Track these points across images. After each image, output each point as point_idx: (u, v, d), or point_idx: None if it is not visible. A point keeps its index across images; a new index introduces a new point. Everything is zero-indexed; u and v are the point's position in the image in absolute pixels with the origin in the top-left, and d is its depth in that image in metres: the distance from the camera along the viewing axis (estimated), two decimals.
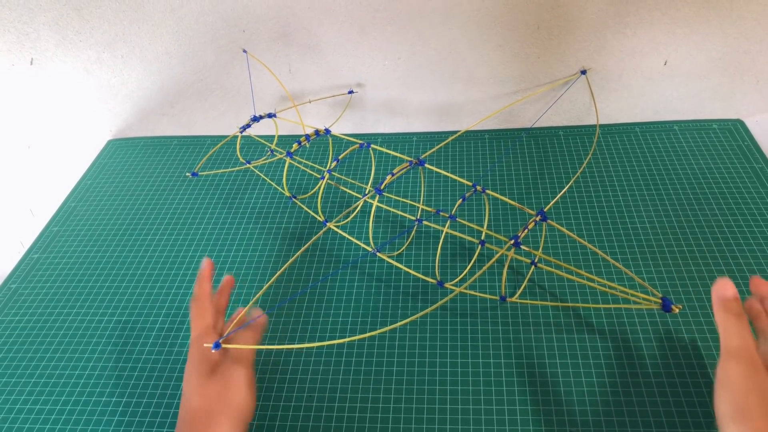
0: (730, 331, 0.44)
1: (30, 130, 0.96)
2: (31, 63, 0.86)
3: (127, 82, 0.88)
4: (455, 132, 0.89)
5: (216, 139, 0.94)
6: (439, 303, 0.54)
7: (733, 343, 0.43)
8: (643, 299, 0.54)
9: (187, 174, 0.86)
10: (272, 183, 0.83)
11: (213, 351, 0.48)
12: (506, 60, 0.81)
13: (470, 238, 0.64)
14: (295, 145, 0.67)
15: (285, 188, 0.72)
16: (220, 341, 0.49)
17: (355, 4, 0.76)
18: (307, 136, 0.68)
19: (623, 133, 0.85)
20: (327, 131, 0.69)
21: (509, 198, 0.74)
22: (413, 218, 0.70)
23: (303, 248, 0.61)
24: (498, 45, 0.79)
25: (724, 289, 0.47)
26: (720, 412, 0.42)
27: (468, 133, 0.89)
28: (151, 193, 0.85)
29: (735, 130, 0.83)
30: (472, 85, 0.84)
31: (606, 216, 0.73)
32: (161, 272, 0.73)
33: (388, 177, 0.61)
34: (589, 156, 0.82)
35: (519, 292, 0.64)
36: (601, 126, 0.87)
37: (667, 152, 0.81)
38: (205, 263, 0.56)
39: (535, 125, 0.89)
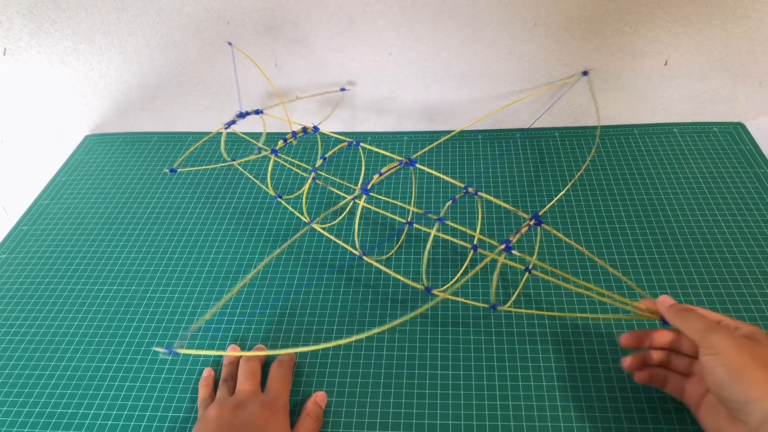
0: (695, 323, 0.45)
1: (2, 124, 0.92)
2: (4, 53, 0.81)
3: (106, 74, 0.84)
4: (447, 132, 0.86)
5: (198, 135, 0.91)
6: (422, 309, 0.51)
7: (704, 328, 0.44)
8: (641, 311, 0.51)
9: (165, 170, 0.82)
10: (256, 181, 0.79)
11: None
12: (501, 57, 0.78)
13: (462, 242, 0.60)
14: (280, 143, 0.63)
15: (270, 187, 0.68)
16: (174, 348, 0.46)
17: None
18: (294, 134, 0.64)
19: (621, 135, 0.83)
20: (315, 129, 0.66)
21: (503, 201, 0.71)
22: (403, 221, 0.67)
23: (281, 248, 0.57)
24: (493, 42, 0.76)
25: (665, 300, 0.49)
26: (717, 381, 0.42)
27: (461, 133, 0.86)
28: (129, 192, 0.81)
29: (736, 134, 0.81)
30: (466, 83, 0.81)
31: (604, 220, 0.70)
32: (136, 275, 0.69)
33: (376, 176, 0.58)
34: (588, 160, 0.79)
35: (511, 300, 0.61)
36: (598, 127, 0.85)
37: (666, 155, 0.79)
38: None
39: (531, 126, 0.86)
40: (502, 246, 0.51)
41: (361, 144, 0.62)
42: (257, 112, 0.74)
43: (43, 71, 0.84)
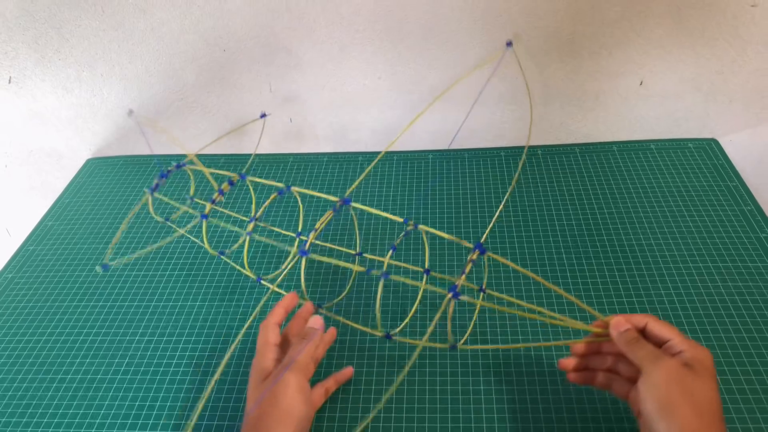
0: (639, 350, 0.47)
1: (7, 149, 0.96)
2: (9, 81, 0.85)
3: (107, 100, 0.88)
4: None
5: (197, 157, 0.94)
6: (406, 367, 0.50)
7: (646, 354, 0.46)
8: (599, 331, 0.51)
9: (97, 268, 0.76)
10: (196, 240, 0.77)
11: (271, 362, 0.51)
12: (484, 79, 0.81)
13: (409, 281, 0.52)
14: (208, 206, 0.61)
15: (208, 247, 0.64)
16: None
17: (335, 24, 0.76)
18: (221, 191, 0.62)
19: (600, 152, 0.86)
20: (242, 176, 0.62)
21: (449, 227, 0.74)
22: (345, 265, 0.56)
23: (249, 321, 0.55)
24: (476, 65, 0.80)
25: (618, 324, 0.49)
26: (646, 410, 0.44)
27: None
28: (129, 212, 0.84)
29: (710, 149, 0.85)
30: (452, 105, 0.85)
31: (584, 234, 0.73)
32: (138, 291, 0.72)
33: (311, 234, 0.55)
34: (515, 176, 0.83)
35: (465, 336, 0.62)
36: (579, 145, 0.88)
37: (644, 170, 0.82)
38: (290, 296, 0.56)
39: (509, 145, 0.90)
40: (450, 294, 0.48)
41: (293, 188, 0.59)
42: (179, 166, 0.69)
43: (47, 98, 0.87)
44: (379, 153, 0.92)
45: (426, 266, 0.61)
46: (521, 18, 0.74)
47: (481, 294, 0.50)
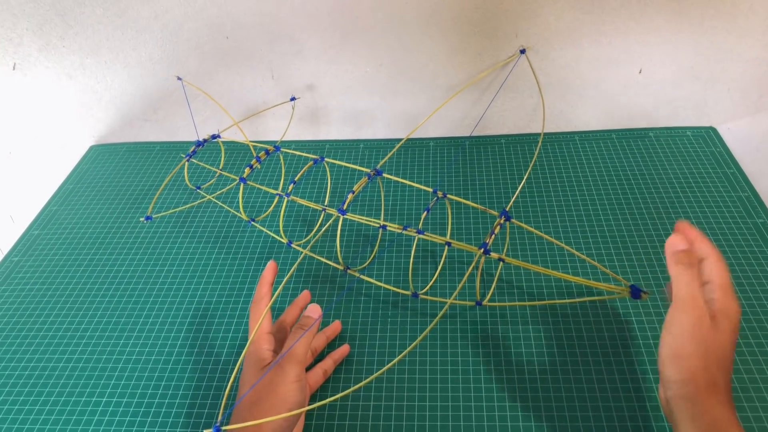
0: (680, 281, 0.47)
1: (11, 136, 0.96)
2: (14, 68, 0.86)
3: (111, 87, 0.89)
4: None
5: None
6: (437, 318, 0.54)
7: (681, 293, 0.46)
8: (613, 289, 0.54)
9: (141, 219, 0.81)
10: (229, 209, 0.81)
11: (267, 352, 0.52)
12: (485, 68, 0.82)
13: (438, 238, 0.60)
14: (247, 170, 0.65)
15: (242, 212, 0.71)
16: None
17: (337, 11, 0.77)
18: (258, 158, 0.67)
19: (600, 140, 0.87)
20: (277, 148, 0.68)
21: (457, 207, 0.77)
22: (378, 224, 0.63)
23: (289, 274, 0.60)
24: (477, 53, 0.81)
25: (675, 242, 0.49)
26: (661, 354, 0.46)
27: (441, 140, 0.91)
28: (132, 198, 0.85)
29: (708, 137, 0.86)
30: (452, 92, 0.86)
31: (583, 220, 0.74)
32: (141, 277, 0.73)
33: (350, 195, 0.60)
34: (534, 159, 0.84)
35: (489, 294, 0.65)
36: (579, 132, 0.89)
37: (642, 158, 0.83)
38: (268, 267, 0.57)
39: (512, 132, 0.91)
40: (481, 251, 0.55)
41: (326, 159, 0.65)
42: (214, 137, 0.75)
43: (51, 85, 0.88)
44: (380, 140, 0.93)
45: (449, 237, 0.65)
46: (522, 6, 0.75)
47: (503, 257, 0.55)
